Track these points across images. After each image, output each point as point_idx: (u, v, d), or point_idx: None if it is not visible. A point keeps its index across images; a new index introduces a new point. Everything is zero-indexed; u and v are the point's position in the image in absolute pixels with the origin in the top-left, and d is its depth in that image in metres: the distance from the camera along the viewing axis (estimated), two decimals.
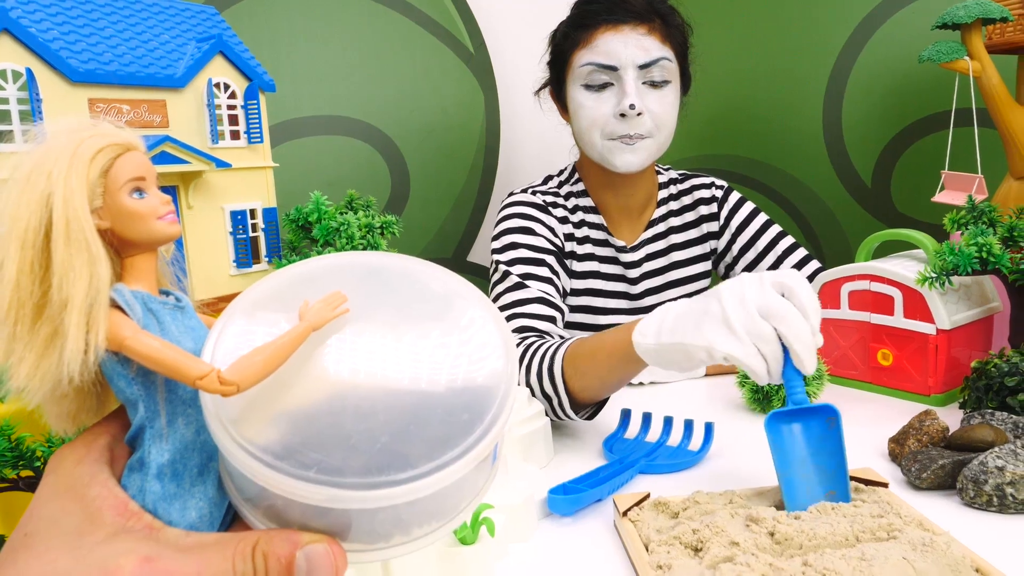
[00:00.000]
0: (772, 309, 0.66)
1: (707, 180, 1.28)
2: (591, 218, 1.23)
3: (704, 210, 1.26)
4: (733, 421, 0.92)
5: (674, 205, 1.27)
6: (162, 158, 0.76)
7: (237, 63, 0.86)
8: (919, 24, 1.54)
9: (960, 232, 0.94)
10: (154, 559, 0.30)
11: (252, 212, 0.88)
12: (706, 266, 1.27)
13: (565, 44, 1.17)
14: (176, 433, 0.33)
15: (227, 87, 0.85)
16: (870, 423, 0.89)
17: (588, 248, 1.22)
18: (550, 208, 1.20)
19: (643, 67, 1.10)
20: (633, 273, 1.23)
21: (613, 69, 1.10)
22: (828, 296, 1.01)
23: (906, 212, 1.60)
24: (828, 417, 0.67)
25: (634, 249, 1.23)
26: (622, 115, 1.10)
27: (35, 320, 0.30)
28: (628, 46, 1.09)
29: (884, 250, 1.06)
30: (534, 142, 1.89)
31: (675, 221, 1.26)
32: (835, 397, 0.97)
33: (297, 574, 0.31)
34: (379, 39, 1.60)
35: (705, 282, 1.28)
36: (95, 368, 0.31)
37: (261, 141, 0.88)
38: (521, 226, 1.16)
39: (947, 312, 0.90)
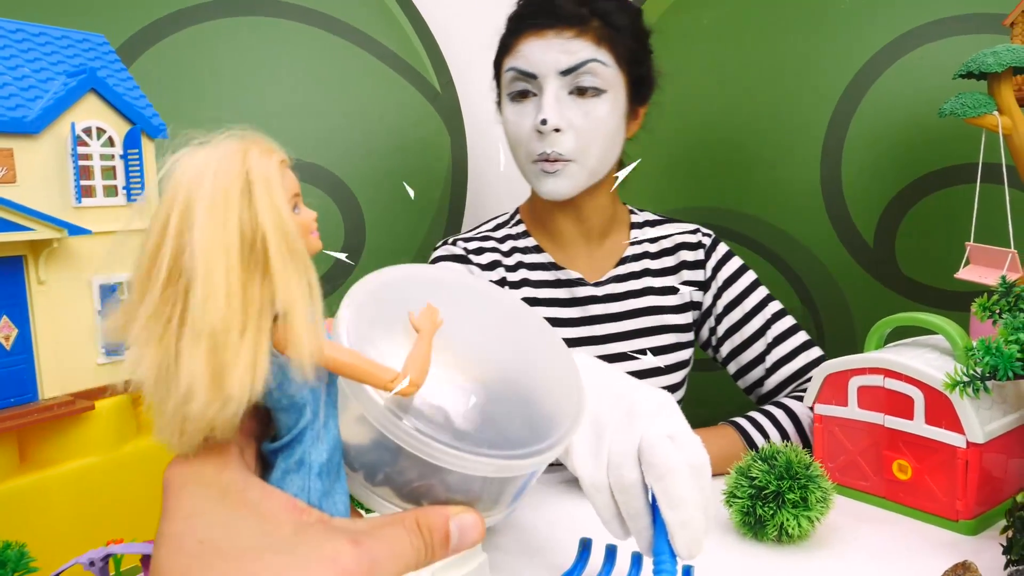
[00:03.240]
0: (656, 457, 0.49)
1: (691, 226, 1.16)
2: (532, 258, 1.11)
3: (687, 256, 1.12)
4: (718, 550, 0.75)
5: (651, 247, 1.13)
6: None
7: (114, 103, 0.70)
8: (925, 71, 1.40)
9: (992, 320, 0.78)
10: (358, 542, 0.32)
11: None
12: (686, 318, 1.12)
13: (498, 52, 1.09)
14: (329, 433, 0.35)
15: (101, 132, 0.69)
16: (886, 557, 0.73)
17: (526, 292, 1.09)
18: (471, 256, 1.10)
19: (566, 73, 0.99)
20: (595, 310, 1.09)
21: (532, 77, 1.00)
22: (834, 390, 0.85)
23: (912, 276, 1.45)
24: None
25: (598, 285, 1.09)
26: (539, 131, 1.00)
27: (243, 331, 0.31)
28: (550, 51, 0.99)
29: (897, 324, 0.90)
30: (505, 188, 1.73)
31: (652, 264, 1.12)
32: (841, 515, 0.80)
33: (452, 541, 0.35)
34: (334, 74, 1.45)
35: (687, 335, 1.13)
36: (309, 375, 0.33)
37: (143, 198, 0.71)
38: None
39: (979, 420, 0.74)
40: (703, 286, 1.12)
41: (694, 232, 1.15)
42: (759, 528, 0.75)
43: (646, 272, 1.12)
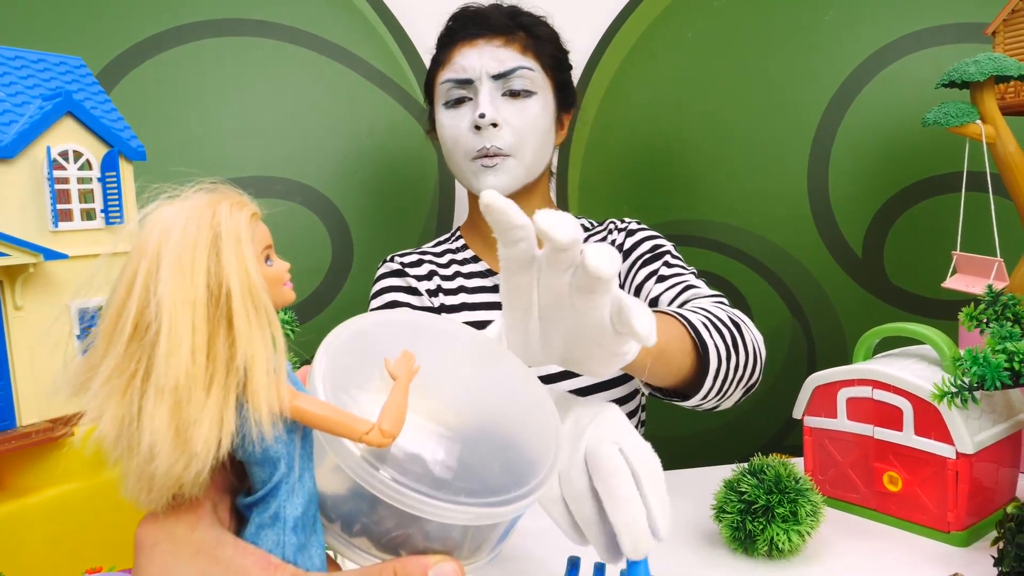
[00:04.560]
0: (599, 460, 0.50)
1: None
2: (469, 267, 1.15)
3: (616, 237, 1.14)
4: (708, 566, 0.74)
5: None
6: None
7: (91, 126, 0.69)
8: (909, 81, 1.41)
9: (980, 329, 0.78)
10: None
11: None
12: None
13: (432, 68, 1.14)
14: (304, 486, 0.34)
15: (78, 156, 0.69)
16: (878, 570, 0.72)
17: (463, 297, 1.13)
18: (408, 269, 1.15)
19: (498, 77, 1.05)
20: None
21: (468, 82, 1.06)
22: (823, 402, 0.84)
23: (900, 285, 1.45)
24: None
25: None
26: (477, 128, 1.05)
27: (208, 387, 0.31)
28: (482, 57, 1.06)
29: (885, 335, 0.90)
30: None
31: None
32: (832, 528, 0.79)
33: None
34: (320, 93, 1.45)
35: None
36: (280, 429, 0.33)
37: (121, 221, 0.71)
38: (384, 303, 1.12)
39: (969, 431, 0.74)
40: (620, 246, 1.12)
41: (622, 221, 1.17)
42: (749, 543, 0.74)
43: None
